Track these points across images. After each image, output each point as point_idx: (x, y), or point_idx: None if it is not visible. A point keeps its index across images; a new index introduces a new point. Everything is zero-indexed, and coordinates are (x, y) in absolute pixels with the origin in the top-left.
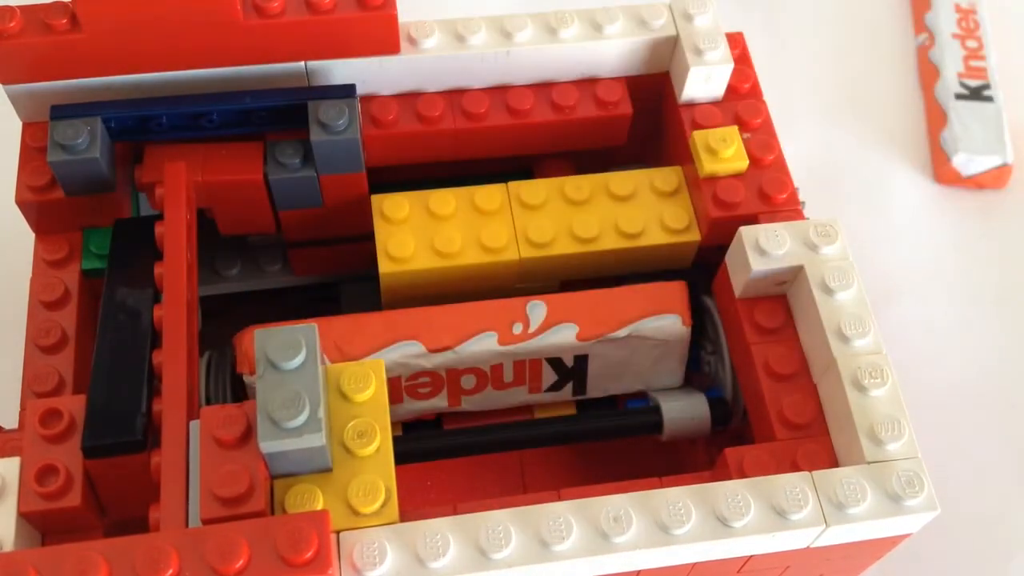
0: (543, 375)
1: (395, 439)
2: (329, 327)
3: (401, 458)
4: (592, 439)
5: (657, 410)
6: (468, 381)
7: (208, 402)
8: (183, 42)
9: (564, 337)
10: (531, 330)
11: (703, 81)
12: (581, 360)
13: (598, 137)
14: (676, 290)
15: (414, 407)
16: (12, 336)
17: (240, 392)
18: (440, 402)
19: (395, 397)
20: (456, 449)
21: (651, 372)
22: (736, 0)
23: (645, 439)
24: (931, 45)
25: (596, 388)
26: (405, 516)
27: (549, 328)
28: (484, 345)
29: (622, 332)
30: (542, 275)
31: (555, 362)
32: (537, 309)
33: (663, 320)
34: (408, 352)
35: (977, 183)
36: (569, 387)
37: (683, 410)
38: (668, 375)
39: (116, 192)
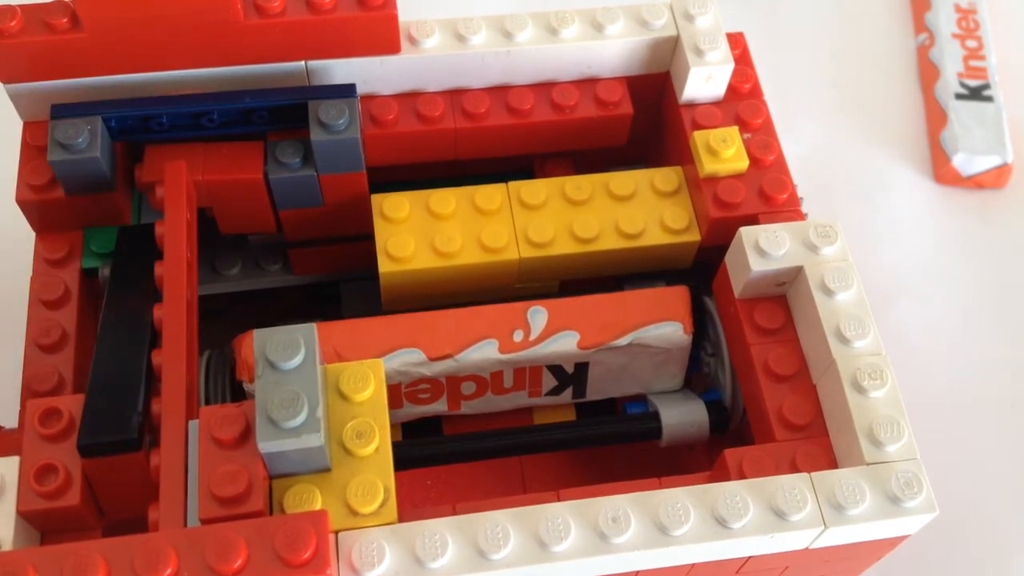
0: (543, 381)
1: (394, 445)
2: (329, 332)
3: (400, 464)
4: (591, 445)
5: (656, 417)
6: (468, 387)
7: (207, 402)
8: (183, 41)
9: (565, 345)
10: (532, 338)
11: (704, 81)
12: (582, 367)
13: (598, 137)
14: (678, 296)
15: (414, 411)
16: (12, 335)
17: (240, 392)
18: (440, 407)
19: (395, 403)
20: (455, 455)
21: (651, 378)
22: (737, 0)
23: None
24: (931, 45)
25: (596, 392)
26: (404, 516)
27: (550, 336)
28: (485, 353)
29: (623, 340)
30: (542, 275)
31: (555, 369)
32: (538, 316)
33: (665, 328)
34: (408, 360)
35: (977, 183)
36: (569, 392)
37: (682, 417)
38: (668, 379)
39: (116, 192)
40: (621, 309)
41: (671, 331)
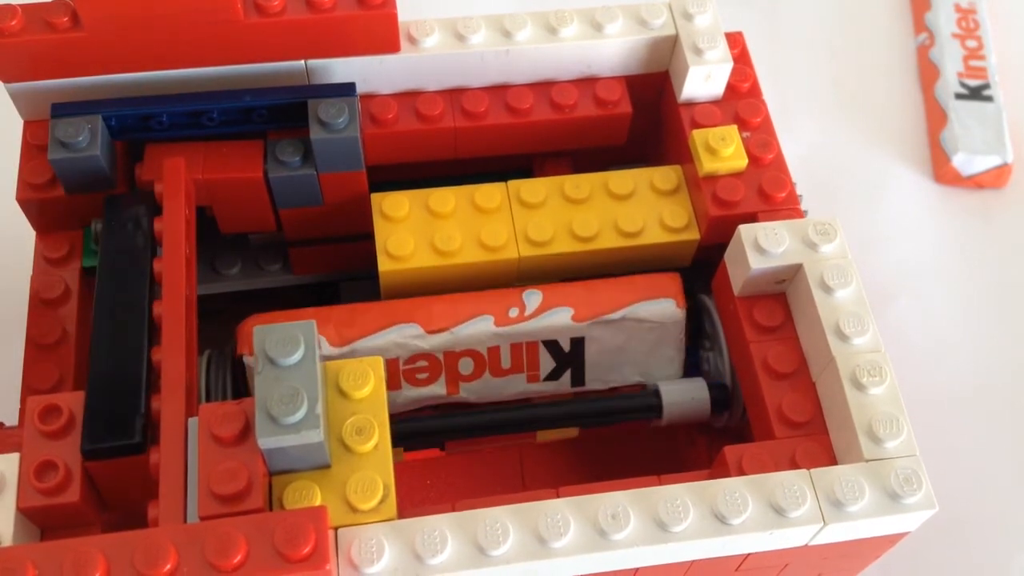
0: (540, 361)
1: (397, 421)
2: (329, 314)
3: (402, 440)
4: (593, 421)
5: (656, 393)
6: (466, 366)
7: (207, 400)
8: (184, 40)
9: (560, 319)
10: (527, 313)
11: (703, 80)
12: (578, 344)
13: (598, 136)
14: (670, 279)
15: (412, 394)
16: (12, 335)
17: (240, 387)
18: (438, 389)
19: (393, 383)
20: (457, 430)
21: (649, 360)
22: (736, 0)
23: (646, 438)
24: (931, 45)
25: (595, 379)
26: (404, 513)
27: (545, 311)
28: (481, 327)
29: (617, 314)
30: (541, 274)
31: (552, 346)
32: (533, 296)
33: (657, 304)
34: (406, 333)
35: (977, 183)
36: (567, 376)
37: (683, 393)
38: (666, 363)
39: (116, 190)
40: (615, 289)
41: (664, 306)
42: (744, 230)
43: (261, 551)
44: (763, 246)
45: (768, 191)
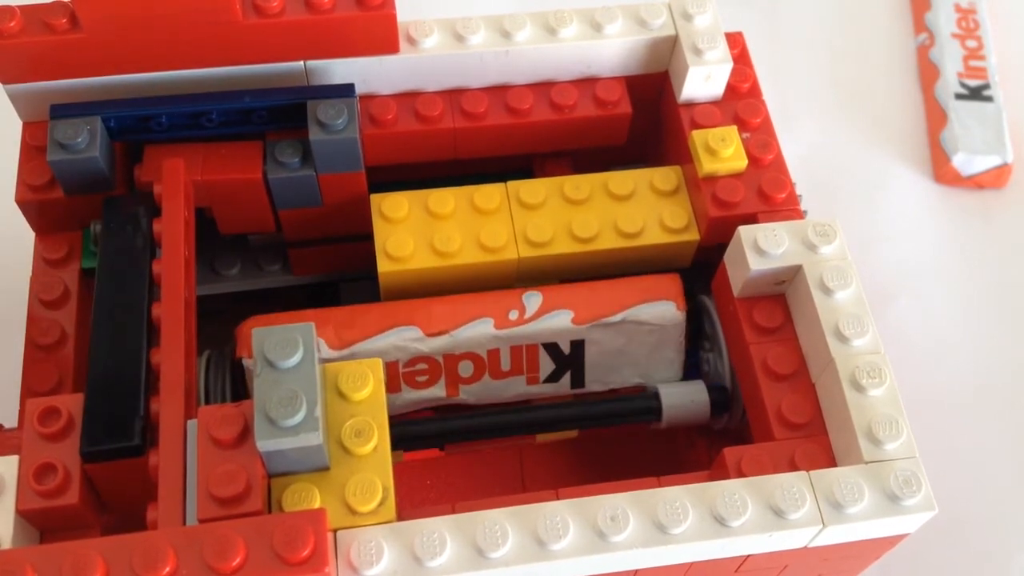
0: (540, 363)
1: (396, 424)
2: (328, 316)
3: (402, 443)
4: (591, 423)
5: (656, 396)
6: (466, 368)
7: (207, 402)
8: (183, 41)
9: (559, 322)
10: (527, 316)
11: (702, 80)
12: (578, 347)
13: (597, 136)
14: (670, 280)
15: (412, 396)
16: (12, 335)
17: (240, 390)
18: (438, 391)
19: (393, 385)
20: (457, 433)
21: (649, 362)
22: (736, 0)
23: (646, 439)
24: (931, 45)
25: (594, 380)
26: (403, 515)
27: (545, 314)
28: (480, 329)
29: (617, 317)
30: (541, 274)
31: (552, 349)
32: (533, 298)
33: (658, 306)
34: (406, 336)
35: (977, 183)
36: (567, 377)
37: (682, 396)
38: (666, 366)
39: (116, 191)
40: (615, 291)
41: (664, 308)
42: (744, 231)
43: (260, 554)
44: (763, 247)
45: (768, 192)
